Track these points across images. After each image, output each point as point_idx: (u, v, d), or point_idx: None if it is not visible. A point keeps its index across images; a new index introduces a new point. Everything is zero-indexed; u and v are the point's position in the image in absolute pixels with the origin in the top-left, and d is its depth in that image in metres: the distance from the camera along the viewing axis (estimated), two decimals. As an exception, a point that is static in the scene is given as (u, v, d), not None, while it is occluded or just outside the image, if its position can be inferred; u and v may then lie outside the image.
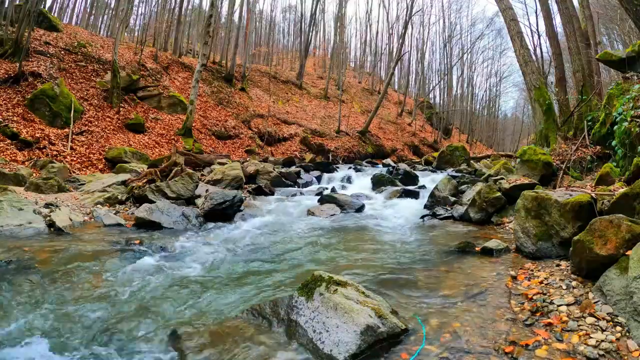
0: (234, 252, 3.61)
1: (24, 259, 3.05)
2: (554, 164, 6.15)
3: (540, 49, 20.69)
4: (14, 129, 8.50)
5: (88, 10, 27.14)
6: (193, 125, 13.43)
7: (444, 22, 35.68)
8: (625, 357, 1.69)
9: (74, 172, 8.08)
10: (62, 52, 13.12)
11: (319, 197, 6.45)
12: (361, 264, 3.23)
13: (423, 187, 7.98)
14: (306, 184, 8.88)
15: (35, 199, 5.03)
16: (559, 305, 2.17)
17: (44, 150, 8.48)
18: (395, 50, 26.63)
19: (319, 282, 2.13)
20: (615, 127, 4.87)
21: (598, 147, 6.09)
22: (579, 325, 1.95)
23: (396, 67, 27.29)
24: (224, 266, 3.19)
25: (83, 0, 26.37)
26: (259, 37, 34.62)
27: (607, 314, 1.98)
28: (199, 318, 2.21)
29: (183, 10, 23.18)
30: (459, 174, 8.99)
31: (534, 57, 12.36)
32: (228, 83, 19.62)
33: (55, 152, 8.61)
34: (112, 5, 26.52)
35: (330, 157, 17.46)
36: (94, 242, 3.75)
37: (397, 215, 5.54)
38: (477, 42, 36.38)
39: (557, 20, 11.51)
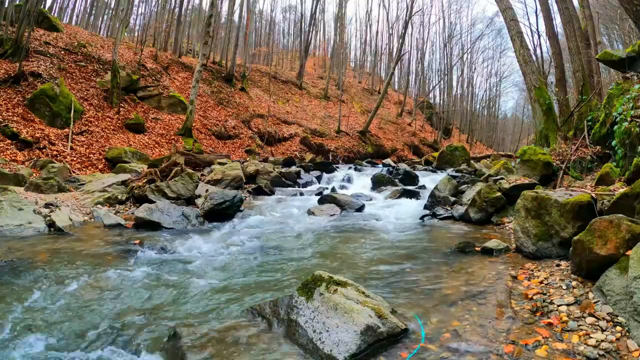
0: (234, 252, 3.61)
1: (24, 259, 3.05)
2: (554, 164, 6.14)
3: (540, 49, 20.77)
4: (14, 129, 8.50)
5: (88, 10, 27.16)
6: (193, 125, 13.44)
7: (444, 22, 35.70)
8: (625, 357, 1.69)
9: (74, 172, 8.08)
10: (62, 52, 13.12)
11: (319, 197, 6.45)
12: (361, 263, 3.23)
13: (423, 187, 7.98)
14: (306, 184, 8.87)
15: (35, 199, 5.03)
16: (559, 305, 2.17)
17: (44, 150, 8.48)
18: (395, 50, 26.63)
19: (319, 282, 2.13)
20: (615, 127, 4.86)
21: (598, 147, 6.08)
22: (579, 325, 1.95)
23: (396, 67, 27.29)
24: (223, 266, 3.19)
25: (83, 0, 26.41)
26: (259, 37, 34.64)
27: (607, 314, 1.98)
28: (199, 318, 2.21)
29: (183, 10, 23.20)
30: (459, 174, 8.98)
31: (534, 57, 12.36)
32: (228, 83, 19.62)
33: (55, 152, 8.61)
34: (112, 5, 26.55)
35: (330, 157, 17.46)
36: (94, 242, 3.75)
37: (397, 215, 5.54)
38: (477, 42, 36.46)
39: (557, 20, 11.53)
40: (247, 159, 12.96)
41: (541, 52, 19.05)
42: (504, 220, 4.70)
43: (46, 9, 17.86)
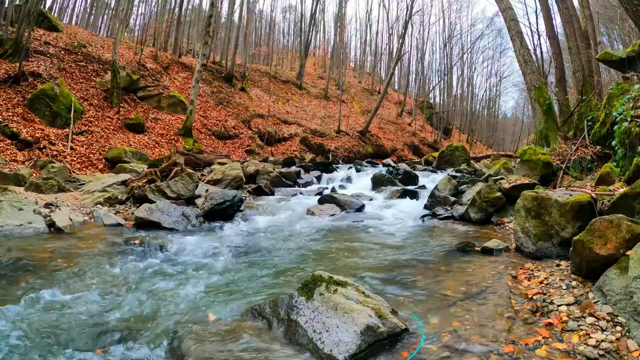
0: (234, 252, 3.61)
1: (24, 259, 3.05)
2: (554, 164, 6.14)
3: (540, 49, 20.78)
4: (14, 129, 8.50)
5: (88, 10, 27.16)
6: (193, 125, 13.43)
7: (444, 22, 35.87)
8: (625, 357, 1.69)
9: (74, 172, 8.08)
10: (62, 52, 13.12)
11: (319, 197, 6.44)
12: (361, 263, 3.23)
13: (423, 187, 7.98)
14: (306, 184, 8.87)
15: (35, 199, 5.02)
16: (559, 305, 2.17)
17: (44, 150, 8.48)
18: (395, 50, 26.64)
19: (319, 282, 2.13)
20: (615, 127, 4.86)
21: (598, 147, 6.09)
22: (579, 325, 1.95)
23: (396, 67, 27.28)
24: (224, 266, 3.19)
25: (83, 0, 26.41)
26: (259, 37, 34.62)
27: (607, 314, 1.98)
28: (199, 318, 2.21)
29: (183, 10, 23.20)
30: (459, 174, 8.99)
31: (534, 57, 12.36)
32: (228, 83, 19.62)
33: (55, 152, 8.61)
34: (112, 5, 26.56)
35: (330, 157, 17.45)
36: (94, 242, 3.75)
37: (397, 215, 5.54)
38: (477, 42, 36.46)
39: (557, 20, 11.54)
40: (247, 159, 12.95)
41: (541, 52, 19.09)
42: (504, 220, 4.70)
43: (46, 9, 17.86)
